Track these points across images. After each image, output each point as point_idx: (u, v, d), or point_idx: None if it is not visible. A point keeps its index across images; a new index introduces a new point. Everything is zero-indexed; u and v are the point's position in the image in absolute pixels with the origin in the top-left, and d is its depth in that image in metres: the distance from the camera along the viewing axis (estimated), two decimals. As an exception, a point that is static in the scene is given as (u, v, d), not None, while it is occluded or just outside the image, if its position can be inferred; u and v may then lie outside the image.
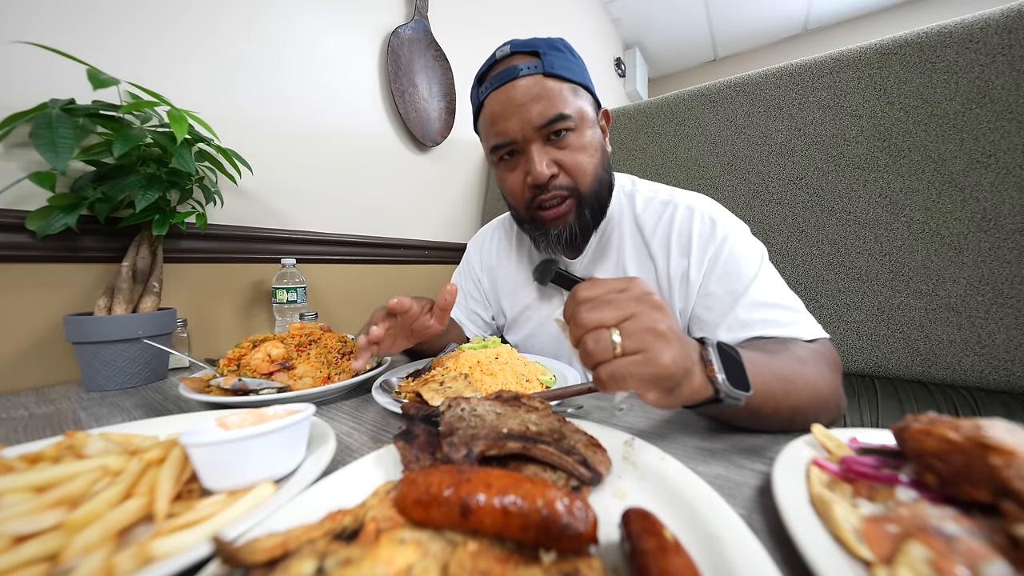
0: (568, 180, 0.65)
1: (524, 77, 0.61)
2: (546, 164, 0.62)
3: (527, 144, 0.63)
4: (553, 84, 0.62)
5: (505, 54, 0.64)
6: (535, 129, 0.62)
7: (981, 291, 0.80)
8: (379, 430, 0.49)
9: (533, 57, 0.63)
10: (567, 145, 0.63)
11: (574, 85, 0.64)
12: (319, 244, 1.21)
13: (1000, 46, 0.78)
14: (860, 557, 0.23)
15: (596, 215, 0.69)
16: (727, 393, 0.36)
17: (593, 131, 0.66)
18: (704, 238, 0.65)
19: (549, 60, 0.62)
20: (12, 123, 0.64)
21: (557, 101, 0.61)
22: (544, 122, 0.61)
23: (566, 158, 0.63)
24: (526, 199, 0.67)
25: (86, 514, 0.26)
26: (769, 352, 0.48)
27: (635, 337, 0.32)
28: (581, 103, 0.64)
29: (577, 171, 0.64)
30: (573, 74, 0.64)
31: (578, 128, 0.64)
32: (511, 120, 0.62)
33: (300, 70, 1.16)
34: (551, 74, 0.62)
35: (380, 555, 0.21)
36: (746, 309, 0.59)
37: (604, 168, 0.68)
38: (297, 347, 0.66)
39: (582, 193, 0.65)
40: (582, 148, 0.64)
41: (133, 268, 0.73)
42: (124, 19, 0.84)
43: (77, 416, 0.57)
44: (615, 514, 0.25)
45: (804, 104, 0.97)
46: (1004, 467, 0.23)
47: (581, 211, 0.66)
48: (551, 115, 0.61)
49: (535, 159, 0.62)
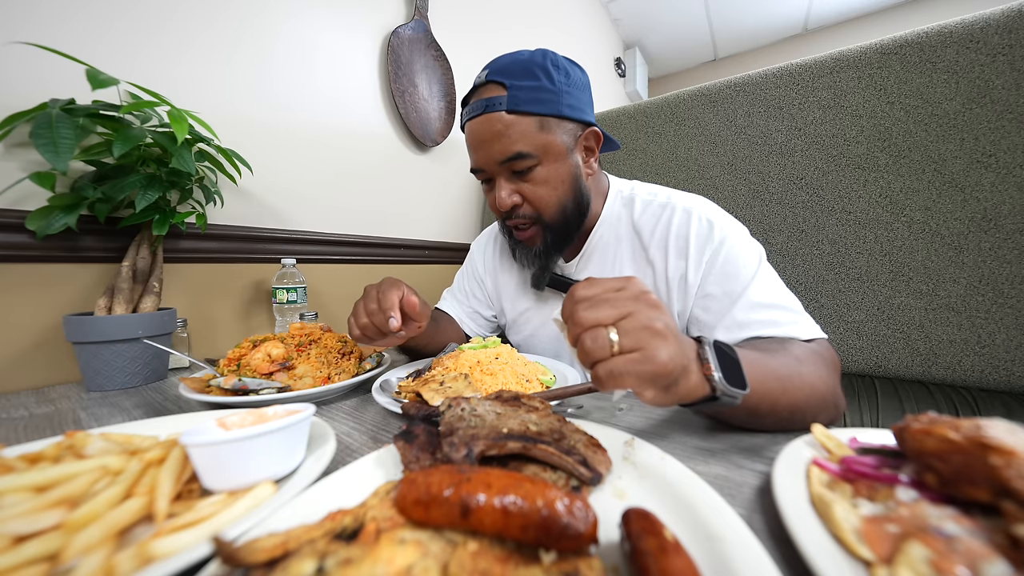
0: (531, 210, 0.69)
1: (489, 113, 0.63)
2: (507, 194, 0.67)
3: (495, 176, 0.68)
4: (515, 121, 0.63)
5: (481, 81, 0.66)
6: (497, 164, 0.66)
7: (981, 291, 0.80)
8: (379, 430, 0.49)
9: (502, 90, 0.63)
10: (531, 179, 0.66)
11: (542, 118, 0.64)
12: (319, 244, 1.21)
13: (1000, 46, 0.78)
14: (860, 557, 0.23)
15: (565, 236, 0.72)
16: (723, 391, 0.36)
17: (561, 164, 0.66)
18: (702, 240, 0.65)
19: (514, 96, 0.62)
20: (12, 123, 0.64)
21: (517, 140, 0.63)
22: (502, 159, 0.65)
23: (528, 191, 0.67)
24: (500, 219, 0.74)
25: (86, 514, 0.26)
26: (766, 351, 0.48)
27: (632, 335, 0.33)
28: (547, 137, 0.64)
29: (539, 203, 0.68)
30: (542, 105, 0.63)
31: (543, 162, 0.65)
32: (478, 153, 0.67)
33: (300, 70, 1.16)
34: (515, 111, 0.62)
35: (380, 555, 0.21)
36: (744, 310, 0.59)
37: (573, 196, 0.69)
38: (297, 347, 0.66)
39: (545, 222, 0.69)
40: (545, 181, 0.66)
41: (133, 268, 0.73)
42: (124, 19, 0.84)
43: (77, 416, 0.57)
44: (615, 514, 0.25)
45: (804, 104, 0.97)
46: (1004, 467, 0.23)
47: (546, 235, 0.70)
48: (508, 154, 0.64)
49: (498, 192, 0.67)
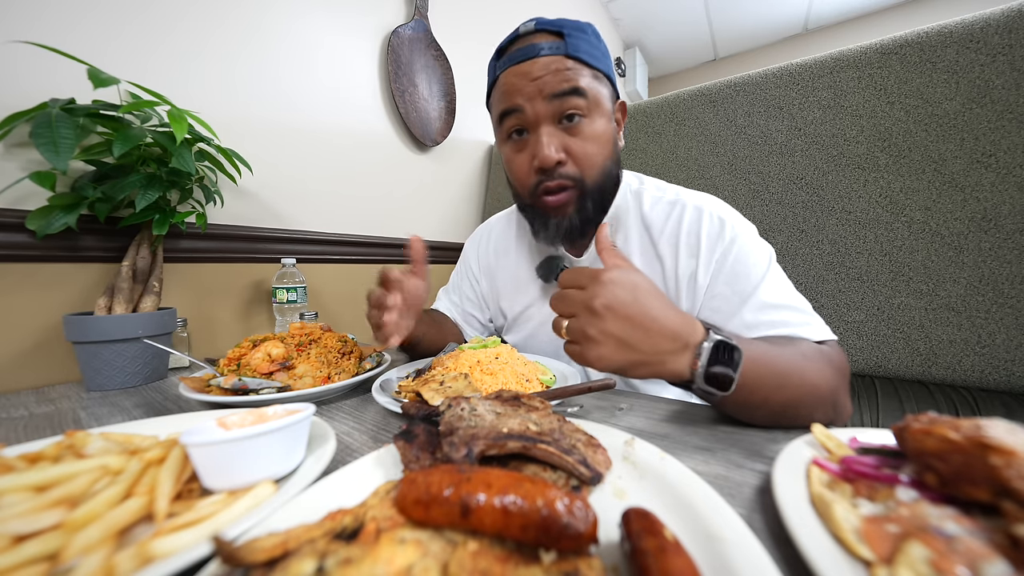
0: (574, 169, 0.62)
1: (544, 56, 0.59)
2: (555, 148, 0.60)
3: (537, 124, 0.61)
4: (573, 64, 0.60)
5: (529, 30, 0.62)
6: (547, 101, 0.59)
7: (981, 291, 0.80)
8: (379, 430, 0.49)
9: (557, 37, 0.60)
10: (578, 132, 0.61)
11: (595, 71, 0.62)
12: (319, 244, 1.21)
13: (1000, 46, 0.78)
14: (860, 557, 0.23)
15: (598, 209, 0.67)
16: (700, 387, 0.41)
17: (607, 121, 0.64)
18: (712, 239, 0.64)
19: (574, 42, 0.60)
20: (12, 123, 0.64)
21: (575, 77, 0.59)
22: (558, 91, 0.59)
23: (575, 146, 0.61)
24: (531, 184, 0.65)
25: (86, 514, 0.26)
26: (774, 343, 0.49)
27: (573, 332, 0.42)
28: (599, 88, 0.62)
29: (585, 161, 0.62)
30: (596, 60, 0.62)
31: (590, 114, 0.61)
32: (524, 90, 0.60)
33: (300, 69, 1.16)
34: (574, 56, 0.60)
35: (380, 555, 0.21)
36: (753, 310, 0.58)
37: (613, 162, 0.66)
38: (297, 347, 0.66)
39: (586, 185, 0.63)
40: (593, 137, 0.62)
41: (133, 268, 0.73)
42: (124, 18, 0.84)
43: (77, 416, 0.57)
44: (615, 514, 0.25)
45: (804, 104, 0.97)
46: (1004, 467, 0.23)
47: (582, 203, 0.64)
48: (566, 87, 0.59)
49: (544, 141, 0.60)
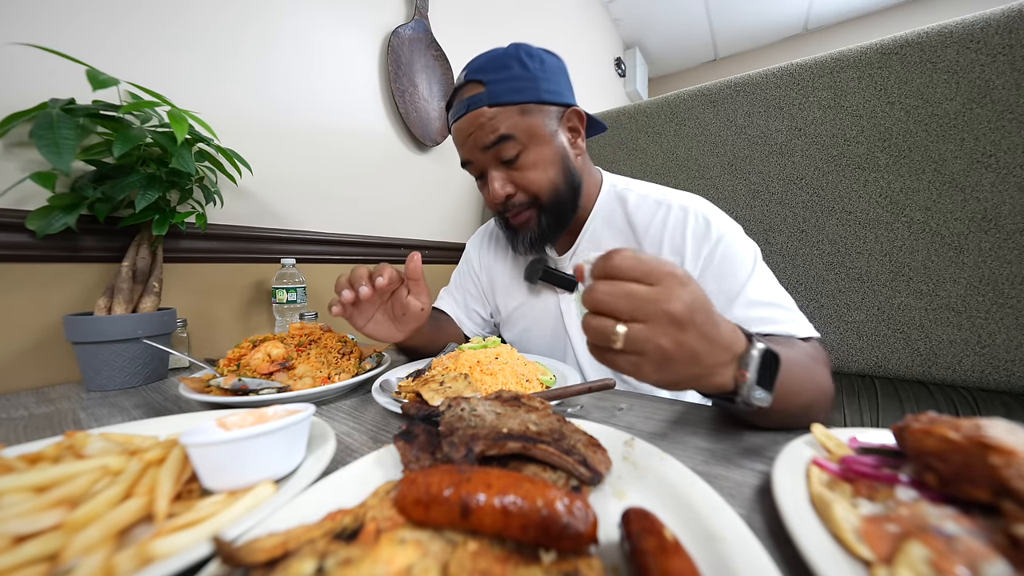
0: (525, 196, 0.70)
1: (472, 111, 0.66)
2: (500, 185, 0.69)
3: (485, 169, 0.70)
4: (497, 112, 0.65)
5: (461, 83, 0.68)
6: (483, 152, 0.67)
7: (981, 291, 0.80)
8: (379, 430, 0.49)
9: (480, 87, 0.66)
10: (520, 166, 0.68)
11: (523, 105, 0.66)
12: (319, 244, 1.21)
13: (1001, 46, 0.77)
14: (860, 557, 0.23)
15: (561, 217, 0.73)
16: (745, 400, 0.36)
17: (548, 143, 0.68)
18: (699, 238, 0.66)
19: (494, 88, 0.65)
20: (12, 123, 0.64)
21: (499, 126, 0.65)
22: (487, 144, 0.66)
23: (519, 178, 0.68)
24: (498, 212, 0.74)
25: (86, 514, 0.26)
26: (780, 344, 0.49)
27: (638, 344, 0.32)
28: (530, 122, 0.66)
29: (531, 187, 0.69)
30: (521, 94, 0.65)
31: (527, 147, 0.67)
32: (465, 146, 0.69)
33: (300, 70, 1.16)
34: (496, 103, 0.65)
35: (380, 555, 0.21)
36: (741, 308, 0.59)
37: (566, 173, 0.71)
38: (297, 347, 0.66)
39: (542, 202, 0.70)
40: (534, 165, 0.68)
41: (133, 268, 0.73)
42: (124, 19, 0.84)
43: (77, 416, 0.57)
44: (615, 514, 0.25)
45: (804, 104, 0.97)
46: (1004, 467, 0.23)
47: (543, 217, 0.72)
48: (492, 139, 0.65)
49: (491, 184, 0.69)
